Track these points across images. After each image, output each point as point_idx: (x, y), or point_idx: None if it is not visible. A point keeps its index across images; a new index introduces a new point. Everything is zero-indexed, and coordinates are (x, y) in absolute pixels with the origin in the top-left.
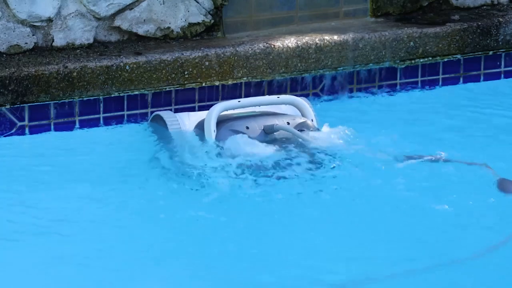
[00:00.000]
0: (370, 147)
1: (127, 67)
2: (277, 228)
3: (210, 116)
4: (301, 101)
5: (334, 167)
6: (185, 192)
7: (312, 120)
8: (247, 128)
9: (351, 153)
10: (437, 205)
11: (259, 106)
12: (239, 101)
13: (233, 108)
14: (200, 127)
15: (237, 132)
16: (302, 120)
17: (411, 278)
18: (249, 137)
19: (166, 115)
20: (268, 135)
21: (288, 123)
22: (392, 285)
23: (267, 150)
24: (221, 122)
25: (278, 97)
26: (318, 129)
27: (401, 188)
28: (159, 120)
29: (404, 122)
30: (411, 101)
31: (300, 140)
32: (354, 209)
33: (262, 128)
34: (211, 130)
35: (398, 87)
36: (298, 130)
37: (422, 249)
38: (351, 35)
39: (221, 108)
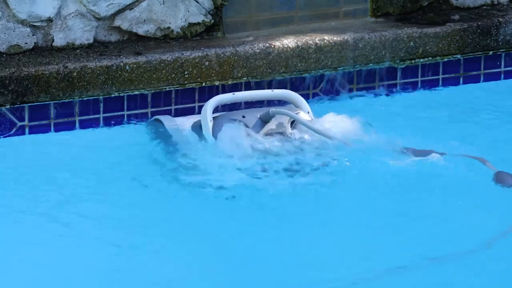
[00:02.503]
0: (366, 143)
1: (127, 67)
2: (273, 221)
3: (206, 108)
4: (296, 94)
5: (329, 157)
6: (185, 189)
7: (308, 112)
8: (244, 117)
9: (347, 145)
10: (435, 198)
11: (254, 99)
12: (233, 94)
13: (228, 102)
14: (197, 123)
15: (234, 120)
16: (297, 111)
17: (410, 274)
18: (246, 126)
19: (164, 118)
20: (265, 123)
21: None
22: (391, 282)
23: (264, 140)
24: (217, 113)
25: (272, 91)
26: (314, 120)
27: (397, 182)
28: (158, 122)
29: (404, 122)
30: (411, 101)
31: (298, 121)
32: (350, 202)
33: (259, 116)
34: (207, 120)
35: (398, 87)
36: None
37: (422, 244)
38: (351, 35)
39: (216, 100)
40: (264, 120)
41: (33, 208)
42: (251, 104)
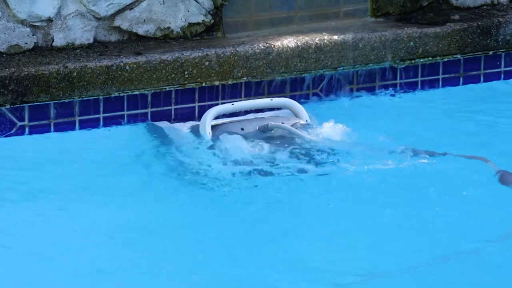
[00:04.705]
0: (367, 144)
1: (127, 67)
2: (272, 226)
3: (205, 119)
4: (295, 102)
5: (329, 163)
6: (183, 191)
7: (306, 121)
8: (242, 129)
9: (347, 150)
10: (437, 199)
11: (253, 109)
12: (232, 104)
13: (227, 112)
14: (196, 129)
15: (232, 133)
16: (296, 121)
17: (410, 274)
18: (245, 139)
19: (163, 124)
20: (263, 135)
21: (283, 124)
22: (391, 283)
23: (262, 149)
24: (216, 125)
25: (271, 100)
26: (313, 128)
27: (399, 183)
28: (157, 126)
29: (404, 122)
30: (411, 101)
31: (295, 136)
32: (351, 206)
33: (257, 128)
34: (206, 132)
35: (398, 87)
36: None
37: (423, 244)
38: (351, 35)
39: (215, 111)
40: (263, 132)
41: (33, 208)
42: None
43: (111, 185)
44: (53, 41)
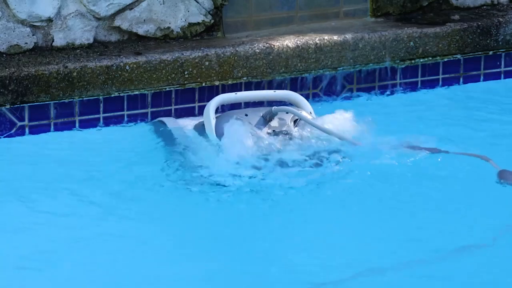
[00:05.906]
0: (368, 141)
1: (127, 67)
2: (275, 218)
3: (208, 107)
4: (298, 95)
5: (330, 158)
6: (187, 188)
7: (310, 112)
8: (246, 115)
9: (348, 145)
10: (438, 197)
11: (256, 100)
12: (235, 94)
13: (230, 101)
14: (200, 123)
15: (237, 118)
16: (299, 111)
17: (409, 272)
18: (249, 123)
19: (167, 119)
20: (267, 122)
21: (286, 113)
22: (390, 281)
23: (267, 137)
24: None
25: (274, 92)
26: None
27: (400, 181)
28: (160, 123)
29: (404, 122)
30: (411, 101)
31: (300, 118)
32: (352, 198)
33: (261, 115)
34: (210, 118)
35: (398, 87)
36: (296, 123)
37: (422, 242)
38: (351, 35)
39: (218, 100)
40: (267, 119)
41: (33, 208)
42: (252, 105)
43: (111, 185)
44: (53, 41)
